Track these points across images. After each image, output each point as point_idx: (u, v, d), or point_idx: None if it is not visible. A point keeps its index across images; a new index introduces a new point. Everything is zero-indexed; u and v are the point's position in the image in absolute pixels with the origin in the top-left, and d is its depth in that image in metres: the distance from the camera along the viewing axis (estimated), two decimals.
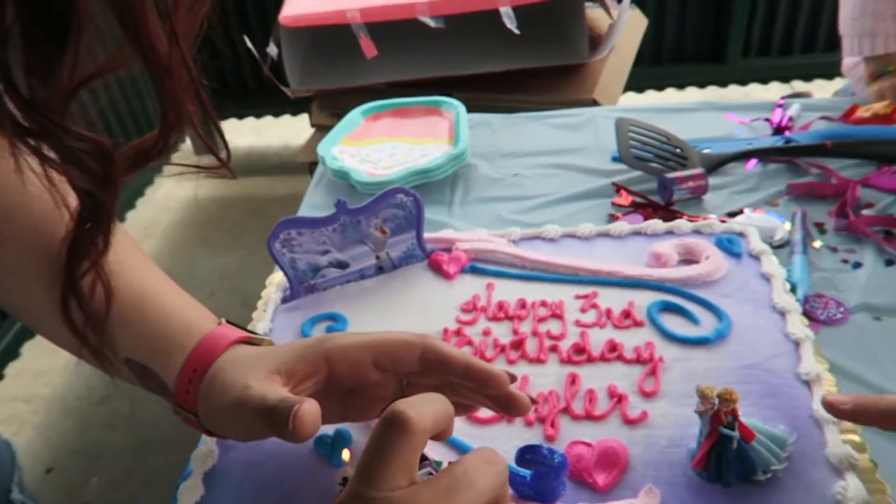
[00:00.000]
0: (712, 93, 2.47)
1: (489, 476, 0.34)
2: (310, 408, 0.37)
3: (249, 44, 1.17)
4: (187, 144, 2.66)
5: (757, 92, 2.45)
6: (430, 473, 0.36)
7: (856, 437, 0.51)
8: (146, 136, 0.40)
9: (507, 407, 0.42)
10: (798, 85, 2.48)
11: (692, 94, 2.50)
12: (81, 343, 0.44)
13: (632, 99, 2.50)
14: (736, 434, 0.41)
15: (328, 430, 0.50)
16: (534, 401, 0.44)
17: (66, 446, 1.64)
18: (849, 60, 1.16)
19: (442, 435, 0.38)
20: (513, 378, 0.42)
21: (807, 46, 2.35)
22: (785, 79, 2.46)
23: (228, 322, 0.47)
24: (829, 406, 0.43)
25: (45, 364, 1.84)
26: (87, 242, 0.42)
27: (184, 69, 0.33)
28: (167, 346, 0.44)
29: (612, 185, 0.84)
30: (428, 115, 0.99)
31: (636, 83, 2.45)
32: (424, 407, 0.35)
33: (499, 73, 1.25)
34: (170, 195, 2.50)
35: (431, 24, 1.16)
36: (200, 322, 0.46)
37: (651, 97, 2.53)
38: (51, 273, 0.42)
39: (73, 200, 0.39)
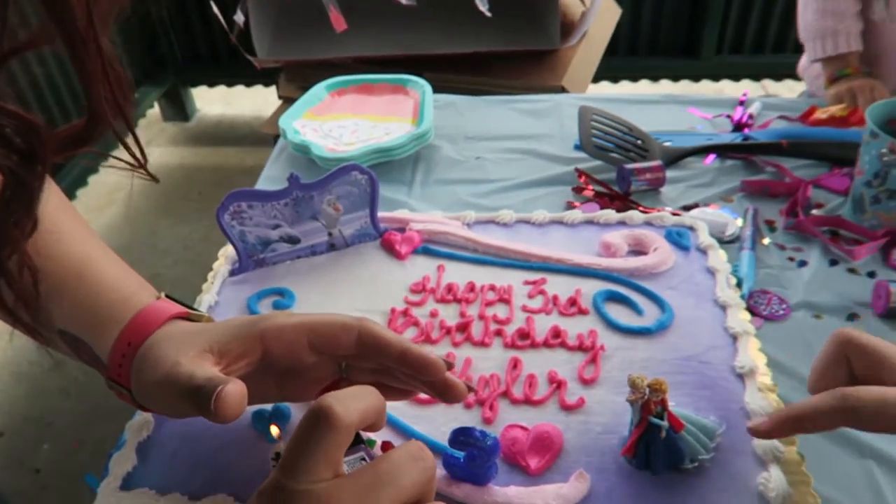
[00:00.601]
0: (685, 87, 2.49)
1: (414, 473, 0.34)
2: (234, 389, 0.37)
3: (216, 10, 1.15)
4: (155, 111, 2.61)
5: (729, 88, 2.48)
6: (363, 459, 0.36)
7: None
8: (77, 121, 0.39)
9: (444, 394, 0.42)
10: (768, 84, 2.51)
11: (666, 87, 2.52)
12: (12, 322, 0.43)
13: (606, 88, 2.51)
14: (665, 424, 0.42)
15: (268, 405, 0.50)
16: (471, 388, 0.44)
17: (17, 412, 1.61)
18: (805, 61, 1.18)
19: (373, 427, 0.37)
20: (449, 365, 0.42)
21: (778, 46, 2.38)
22: (756, 77, 2.49)
23: (168, 297, 0.46)
24: (752, 432, 0.44)
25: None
26: (11, 224, 0.41)
27: (97, 50, 0.31)
28: (102, 319, 0.43)
29: (573, 172, 0.85)
30: (393, 93, 0.98)
31: (611, 73, 2.47)
32: (353, 402, 0.34)
33: (469, 55, 1.25)
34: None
35: (403, 0, 1.14)
36: (138, 295, 0.45)
37: (625, 87, 2.55)
38: None
39: None
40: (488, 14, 1.14)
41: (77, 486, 0.42)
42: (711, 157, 0.88)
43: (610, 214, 0.66)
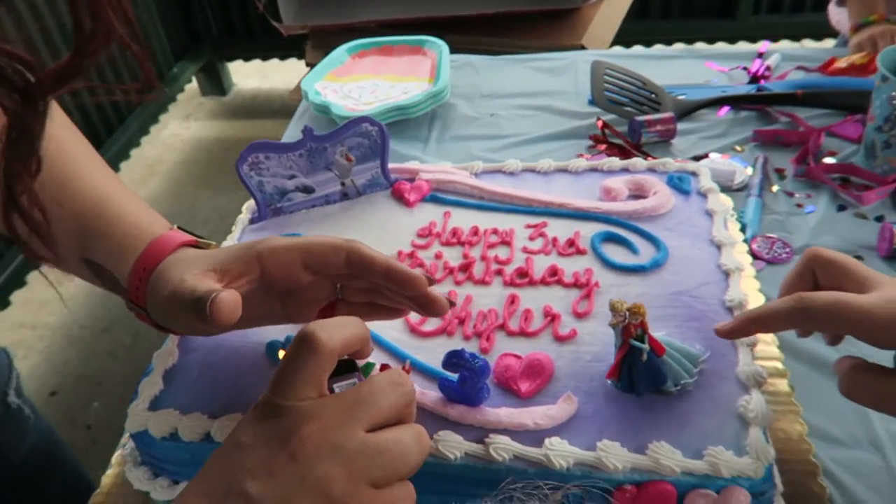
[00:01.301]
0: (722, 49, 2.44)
1: (393, 397, 0.37)
2: (227, 296, 0.40)
3: None
4: (193, 85, 2.68)
5: None
6: (355, 383, 0.39)
7: (778, 365, 0.54)
8: (67, 56, 0.41)
9: (427, 307, 0.45)
10: (808, 44, 2.44)
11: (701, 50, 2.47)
12: (28, 254, 0.48)
13: (636, 50, 2.47)
14: (646, 347, 0.44)
15: (279, 335, 0.54)
16: (452, 303, 0.47)
17: (69, 372, 1.71)
18: (833, 7, 1.16)
19: (358, 355, 0.41)
20: (431, 281, 0.45)
21: (818, 4, 2.31)
22: (795, 37, 2.42)
23: (180, 228, 0.50)
24: (717, 332, 0.46)
25: (51, 293, 1.90)
26: (18, 162, 0.44)
27: None
28: (121, 248, 0.48)
29: (586, 127, 0.86)
30: (412, 54, 1.01)
31: (643, 36, 2.42)
32: (336, 330, 0.37)
33: (489, 15, 1.26)
34: (174, 135, 2.53)
35: None
36: (152, 226, 0.49)
37: (658, 49, 2.50)
38: None
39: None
40: None
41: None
42: (725, 109, 0.88)
43: (613, 161, 0.67)
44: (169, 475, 0.51)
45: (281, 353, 0.49)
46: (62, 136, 0.50)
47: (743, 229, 0.68)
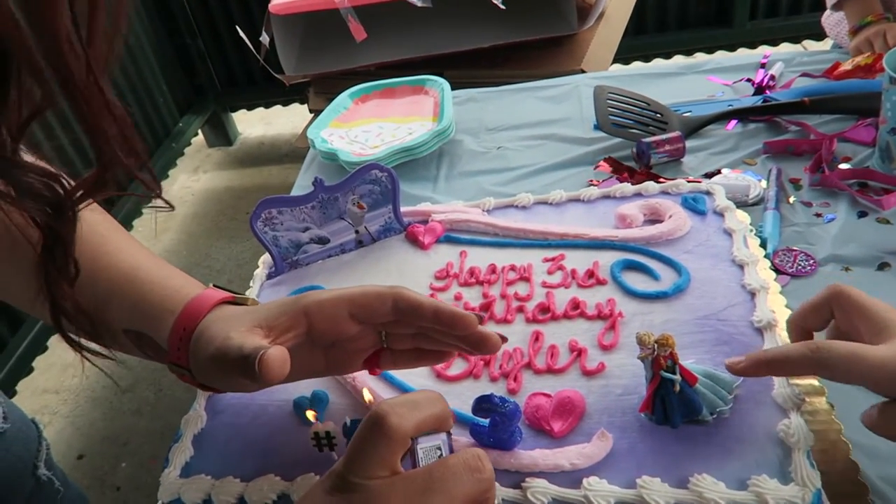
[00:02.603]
0: (721, 57, 2.44)
1: (468, 483, 0.35)
2: (275, 352, 0.40)
3: (242, 33, 1.20)
4: (199, 138, 2.72)
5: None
6: (440, 448, 0.38)
7: (814, 382, 0.53)
8: (91, 171, 0.42)
9: (479, 346, 0.44)
10: (809, 45, 2.44)
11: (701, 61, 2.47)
12: (77, 350, 0.48)
13: (636, 68, 2.48)
14: (677, 377, 0.44)
15: (306, 391, 0.53)
16: (504, 339, 0.46)
17: (95, 434, 1.71)
18: (826, 17, 1.16)
19: (440, 428, 0.39)
20: (480, 318, 0.44)
21: (816, 4, 2.30)
22: (795, 39, 2.42)
23: (215, 286, 0.50)
24: (728, 368, 0.45)
25: (72, 356, 1.90)
26: (56, 269, 0.45)
27: (99, 92, 0.33)
28: (157, 312, 0.48)
29: (593, 153, 0.86)
30: (414, 94, 1.01)
31: (642, 52, 2.43)
32: (410, 412, 0.36)
33: (487, 49, 1.27)
34: (184, 188, 2.56)
35: (418, 3, 1.17)
36: (186, 288, 0.49)
37: (659, 66, 2.51)
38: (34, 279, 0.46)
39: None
40: (502, 7, 1.16)
41: (155, 499, 0.46)
42: (733, 123, 0.88)
43: (626, 187, 0.67)
44: None
45: (309, 414, 0.49)
46: (86, 216, 0.51)
47: (763, 244, 0.67)
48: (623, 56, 2.40)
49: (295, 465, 0.49)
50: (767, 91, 0.91)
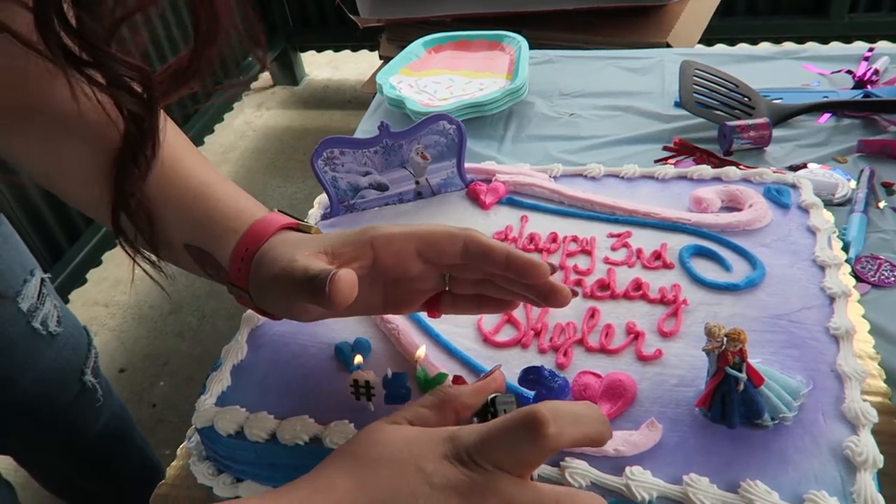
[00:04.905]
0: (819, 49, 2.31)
1: None
2: (346, 275, 0.38)
3: None
4: (266, 75, 2.72)
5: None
6: (513, 401, 0.38)
7: (886, 401, 0.49)
8: (180, 55, 0.42)
9: (549, 297, 0.42)
10: None
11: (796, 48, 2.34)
12: (133, 252, 0.49)
13: (725, 49, 2.37)
14: (743, 376, 0.41)
15: (349, 337, 0.52)
16: (575, 293, 0.44)
17: (138, 350, 1.77)
18: None
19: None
20: (554, 269, 0.42)
21: None
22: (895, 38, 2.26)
23: (281, 211, 0.49)
24: None
25: (124, 273, 1.97)
26: (134, 161, 0.45)
27: None
28: (221, 230, 0.47)
29: (670, 130, 0.82)
30: (489, 49, 0.98)
31: (728, 34, 2.31)
32: (570, 427, 0.34)
33: (570, 11, 1.22)
34: (247, 123, 2.58)
35: None
36: (252, 209, 0.48)
37: (750, 49, 2.39)
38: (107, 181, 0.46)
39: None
40: None
41: (188, 420, 0.47)
42: (826, 115, 0.82)
43: (704, 170, 0.63)
44: (232, 472, 0.50)
45: (357, 358, 0.48)
46: (163, 125, 0.50)
47: (845, 248, 0.63)
48: (706, 37, 2.28)
49: (330, 410, 0.48)
50: (869, 86, 0.85)
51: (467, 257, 0.43)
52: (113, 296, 1.91)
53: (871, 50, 0.91)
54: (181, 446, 0.55)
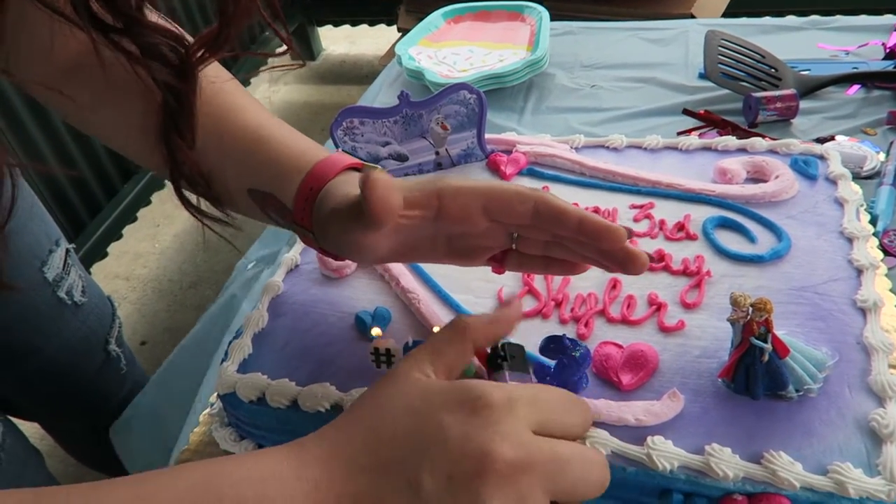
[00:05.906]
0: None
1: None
2: (380, 172, 0.38)
3: None
4: (283, 49, 2.71)
5: None
6: (531, 377, 0.39)
7: None
8: (210, 26, 0.42)
9: (625, 263, 0.40)
10: None
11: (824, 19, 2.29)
12: (198, 216, 0.50)
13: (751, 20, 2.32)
14: (768, 346, 0.40)
15: (368, 306, 0.52)
16: (652, 258, 0.42)
17: (158, 323, 1.79)
18: None
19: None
20: (630, 233, 0.40)
21: None
22: None
23: (345, 151, 0.49)
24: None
25: (144, 247, 1.99)
26: (178, 132, 0.45)
27: None
28: (286, 171, 0.46)
29: (694, 102, 0.80)
30: (510, 20, 0.96)
31: (751, 7, 2.24)
32: (567, 417, 0.37)
33: None
34: (263, 98, 2.57)
35: None
36: (314, 150, 0.48)
37: (777, 20, 2.34)
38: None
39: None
40: None
41: None
42: (855, 87, 0.80)
43: (730, 140, 0.62)
44: (254, 438, 0.51)
45: (375, 330, 0.48)
46: (214, 73, 0.50)
47: (873, 221, 0.61)
48: (731, 11, 2.23)
49: (350, 377, 0.48)
50: None
51: (537, 219, 0.41)
52: (133, 269, 1.93)
53: None
54: (203, 412, 0.56)
